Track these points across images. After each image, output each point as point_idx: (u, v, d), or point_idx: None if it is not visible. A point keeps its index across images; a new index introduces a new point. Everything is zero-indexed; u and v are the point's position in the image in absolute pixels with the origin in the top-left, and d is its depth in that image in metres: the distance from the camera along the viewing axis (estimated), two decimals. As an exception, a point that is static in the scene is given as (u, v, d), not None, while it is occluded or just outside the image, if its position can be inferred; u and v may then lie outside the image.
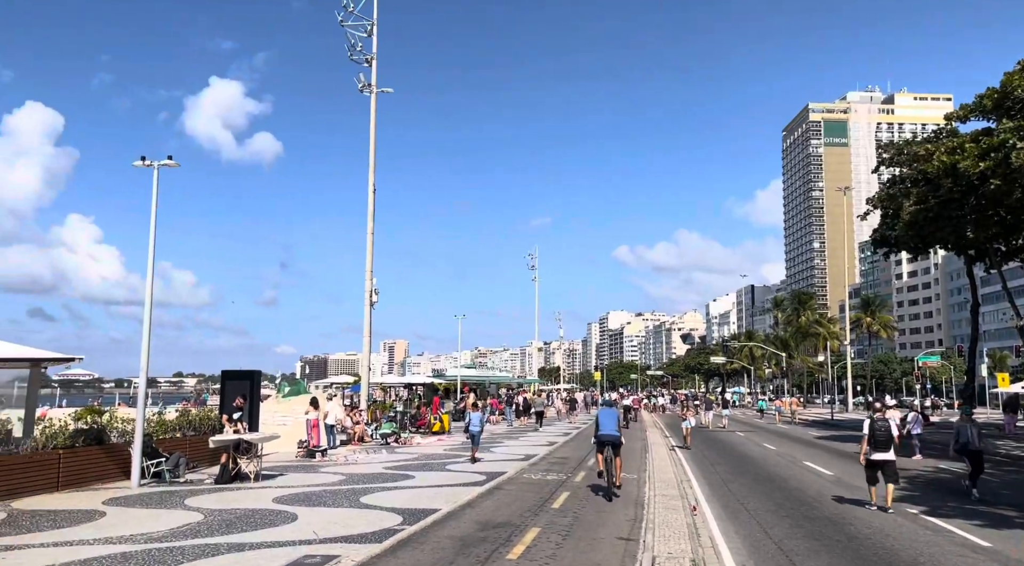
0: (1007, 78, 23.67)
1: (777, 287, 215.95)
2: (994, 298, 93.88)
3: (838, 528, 11.46)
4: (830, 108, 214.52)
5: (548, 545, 9.50)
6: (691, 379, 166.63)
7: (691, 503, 13.22)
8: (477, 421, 20.61)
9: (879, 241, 35.75)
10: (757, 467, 20.59)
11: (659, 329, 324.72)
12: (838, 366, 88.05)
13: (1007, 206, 23.39)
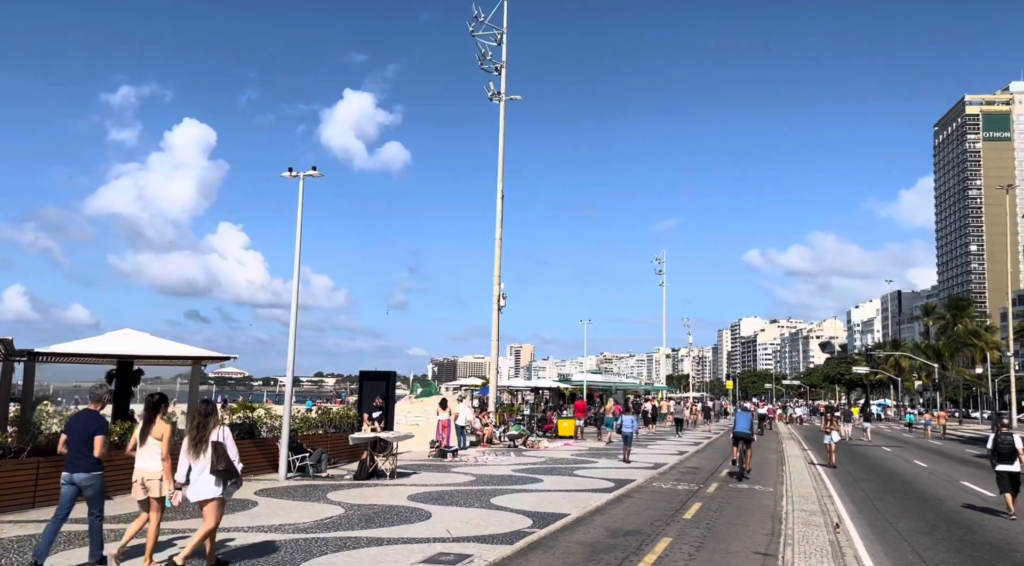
0: None
1: (927, 293, 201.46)
2: None
3: (1003, 555, 10.51)
4: (990, 100, 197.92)
5: (680, 556, 9.29)
6: (831, 390, 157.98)
7: (834, 520, 12.54)
8: (629, 423, 22.48)
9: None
10: (907, 485, 19.24)
11: (795, 337, 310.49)
12: (1000, 379, 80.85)
13: None
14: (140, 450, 7.75)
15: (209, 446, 7.56)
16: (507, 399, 47.85)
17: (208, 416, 7.80)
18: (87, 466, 7.66)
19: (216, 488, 7.53)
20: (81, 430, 7.72)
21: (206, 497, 7.52)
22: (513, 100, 31.06)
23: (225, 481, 7.59)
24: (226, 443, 7.66)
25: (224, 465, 7.52)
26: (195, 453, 7.60)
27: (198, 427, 7.70)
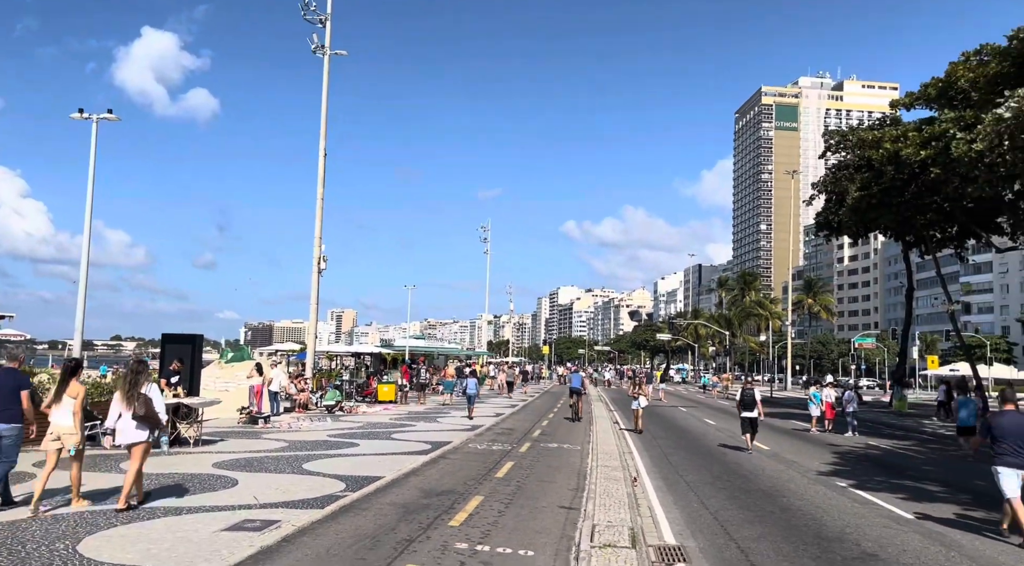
0: (952, 68, 24.33)
1: (723, 267, 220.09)
2: (928, 283, 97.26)
3: (772, 500, 11.82)
4: (782, 92, 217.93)
5: (490, 513, 9.58)
6: (637, 355, 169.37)
7: (632, 474, 13.46)
8: (473, 385, 25.47)
9: (822, 225, 36.62)
10: (697, 441, 21.08)
11: (608, 305, 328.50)
12: (779, 346, 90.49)
13: (944, 194, 24.15)
14: (55, 407, 8.72)
15: (138, 397, 8.86)
16: (326, 365, 46.80)
17: (139, 373, 9.13)
18: (10, 417, 8.46)
19: (143, 433, 8.94)
20: (11, 385, 8.55)
21: (134, 441, 8.89)
22: (338, 55, 29.88)
23: (151, 428, 9.06)
24: (152, 397, 9.02)
25: (145, 412, 8.84)
26: (127, 403, 8.88)
27: (131, 382, 9.01)
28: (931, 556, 8.45)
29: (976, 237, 31.54)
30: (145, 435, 8.94)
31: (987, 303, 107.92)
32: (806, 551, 8.52)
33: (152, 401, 8.94)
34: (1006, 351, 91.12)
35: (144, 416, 8.83)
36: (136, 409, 8.79)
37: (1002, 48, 22.17)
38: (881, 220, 28.89)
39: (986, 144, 18.91)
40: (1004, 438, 9.55)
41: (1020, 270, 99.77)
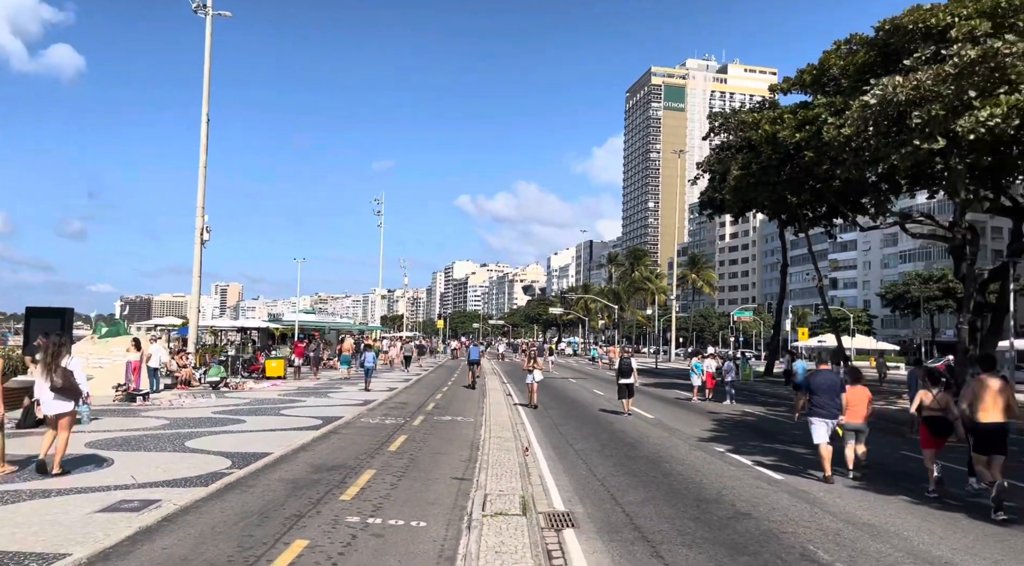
0: (825, 56, 25.74)
1: (614, 243, 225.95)
2: (801, 260, 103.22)
3: (655, 466, 12.36)
4: (671, 73, 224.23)
5: (383, 486, 9.55)
6: (530, 329, 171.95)
7: (524, 445, 13.73)
8: (371, 359, 26.36)
9: (706, 203, 38.18)
10: (587, 411, 21.71)
11: (502, 280, 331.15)
12: (664, 319, 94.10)
13: (816, 176, 25.59)
14: None
15: (56, 369, 9.29)
16: (210, 340, 44.98)
17: (61, 346, 9.58)
18: None
19: (68, 404, 9.46)
20: None
21: (61, 411, 9.40)
22: (221, 16, 28.36)
23: (74, 399, 9.57)
24: (74, 369, 9.48)
25: (63, 383, 9.30)
26: (48, 375, 9.31)
27: (52, 355, 9.40)
28: (797, 512, 9.08)
29: (843, 216, 33.69)
30: (70, 406, 9.48)
31: (852, 279, 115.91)
32: (686, 512, 8.98)
33: (71, 373, 9.41)
34: (867, 323, 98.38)
35: (62, 388, 9.31)
36: (55, 381, 9.26)
37: (869, 38, 23.64)
38: (759, 199, 30.35)
39: (853, 129, 20.18)
40: (817, 393, 11.10)
41: (881, 248, 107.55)
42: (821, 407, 11.10)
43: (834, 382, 11.39)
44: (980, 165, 22.45)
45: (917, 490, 10.67)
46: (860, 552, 7.40)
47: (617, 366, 21.09)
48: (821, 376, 11.41)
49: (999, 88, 17.94)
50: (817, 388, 11.18)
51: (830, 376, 11.47)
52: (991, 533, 8.30)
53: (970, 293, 25.07)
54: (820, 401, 11.12)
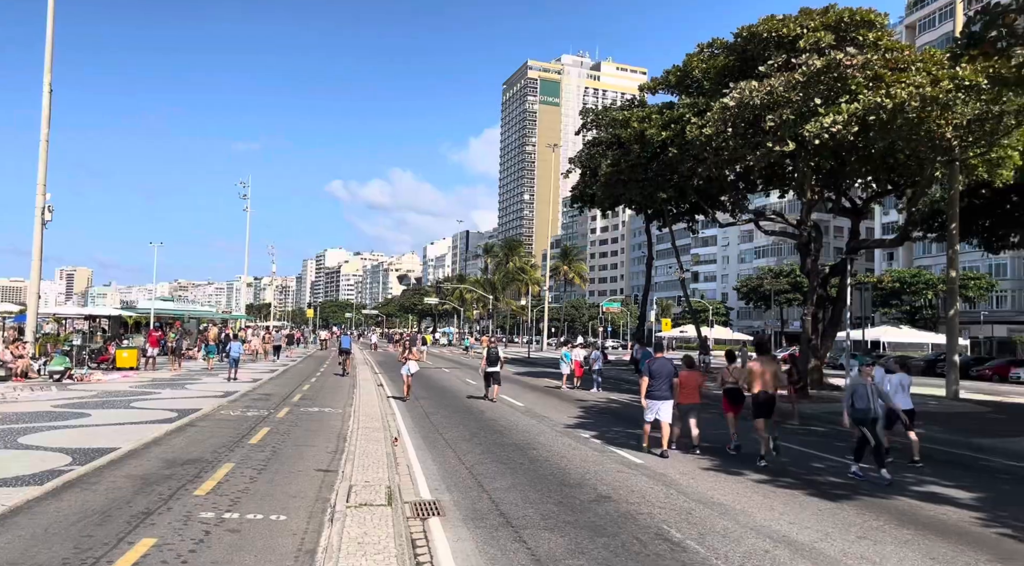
0: (688, 59, 26.93)
1: (490, 234, 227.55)
2: (666, 254, 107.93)
3: (523, 452, 12.56)
4: (547, 67, 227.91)
5: (241, 480, 9.17)
6: (405, 319, 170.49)
7: (393, 435, 13.58)
8: (237, 348, 26.24)
9: (577, 197, 39.03)
10: (458, 400, 21.76)
11: (376, 269, 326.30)
12: (537, 309, 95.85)
13: (680, 173, 26.75)
14: None
15: None
16: (53, 328, 41.61)
17: None
18: None
19: None
20: None
21: None
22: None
23: None
24: None
25: None
26: None
27: None
28: (654, 494, 9.49)
29: (704, 213, 35.44)
30: None
31: (712, 273, 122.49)
32: (550, 497, 9.18)
33: None
34: (724, 315, 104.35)
35: None
36: None
37: (729, 44, 24.94)
38: (628, 195, 31.36)
39: (714, 129, 21.25)
40: (655, 378, 12.66)
41: (738, 244, 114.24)
42: (656, 390, 12.61)
43: (668, 369, 12.78)
44: (824, 168, 24.22)
45: (763, 470, 11.43)
46: (709, 529, 7.83)
47: (484, 354, 21.64)
48: (657, 363, 12.85)
49: (841, 97, 19.41)
50: (654, 373, 12.70)
51: (665, 363, 12.86)
52: (824, 508, 9.00)
53: (813, 287, 27.04)
54: (656, 385, 12.64)
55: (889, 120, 18.78)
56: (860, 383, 11.00)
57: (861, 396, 10.83)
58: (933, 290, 64.77)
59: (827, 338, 27.36)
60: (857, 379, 11.17)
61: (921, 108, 18.40)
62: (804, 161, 22.43)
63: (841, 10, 21.90)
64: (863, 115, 18.95)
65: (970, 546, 7.45)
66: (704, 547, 7.17)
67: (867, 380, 11.01)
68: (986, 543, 7.61)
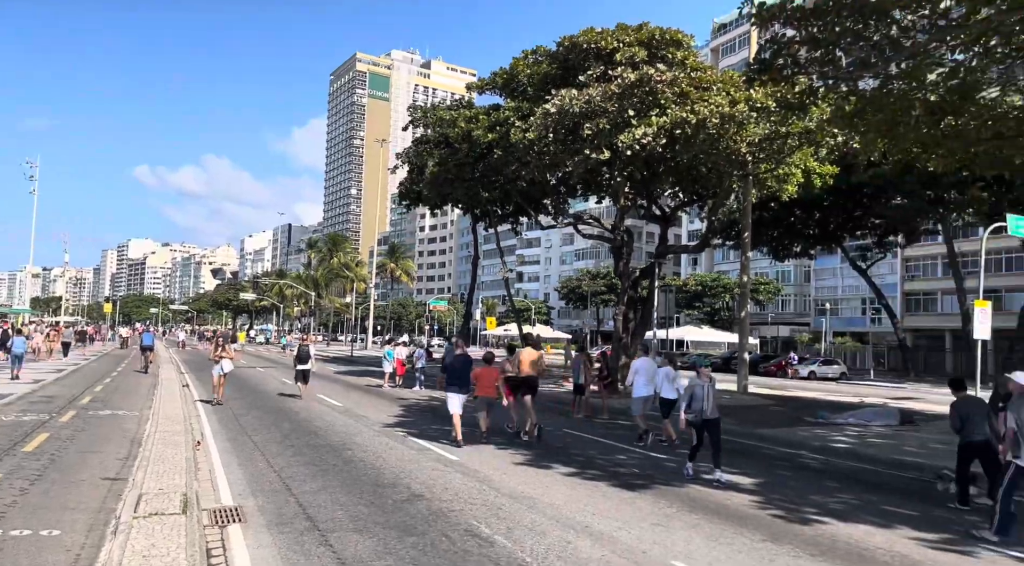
0: (515, 63, 27.56)
1: (314, 228, 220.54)
2: (492, 254, 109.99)
3: (337, 453, 12.22)
4: (376, 62, 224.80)
5: (9, 492, 8.19)
6: (219, 315, 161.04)
7: (196, 438, 12.73)
8: (20, 344, 24.44)
9: (404, 194, 38.77)
10: (271, 401, 20.82)
11: (188, 262, 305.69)
12: (363, 307, 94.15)
13: (505, 175, 27.32)
14: None
15: None
16: None
17: None
18: None
19: None
20: None
21: None
22: None
23: None
24: None
25: None
26: None
27: None
28: (467, 491, 9.57)
29: (528, 215, 36.46)
30: None
31: (535, 273, 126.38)
32: (362, 498, 8.99)
33: None
34: (546, 314, 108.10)
35: None
36: None
37: (552, 51, 25.83)
38: (454, 194, 31.56)
39: (536, 134, 21.89)
40: (452, 373, 13.85)
41: (560, 246, 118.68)
42: (454, 384, 13.76)
43: (465, 364, 13.97)
44: (636, 177, 25.69)
45: (572, 463, 11.90)
46: (517, 523, 8.01)
47: (296, 352, 21.57)
48: (456, 360, 14.07)
49: (652, 110, 20.67)
50: (451, 370, 13.93)
51: (463, 359, 14.05)
52: (625, 498, 9.51)
53: (625, 288, 28.63)
54: (452, 380, 13.81)
55: (693, 134, 20.26)
56: (698, 384, 10.88)
57: (698, 397, 10.76)
58: (730, 293, 70.89)
59: (637, 337, 29.04)
60: (695, 380, 11.02)
61: (720, 125, 20.02)
62: (618, 169, 23.67)
63: (653, 28, 23.35)
64: (671, 129, 20.31)
65: (748, 527, 8.18)
66: (511, 541, 7.32)
67: (705, 381, 10.90)
68: (762, 524, 8.38)
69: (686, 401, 10.96)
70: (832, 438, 15.51)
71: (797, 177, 24.46)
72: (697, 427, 10.86)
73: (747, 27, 72.61)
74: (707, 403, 10.68)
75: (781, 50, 13.96)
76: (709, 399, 10.70)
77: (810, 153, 24.13)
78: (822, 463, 13.17)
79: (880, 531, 8.22)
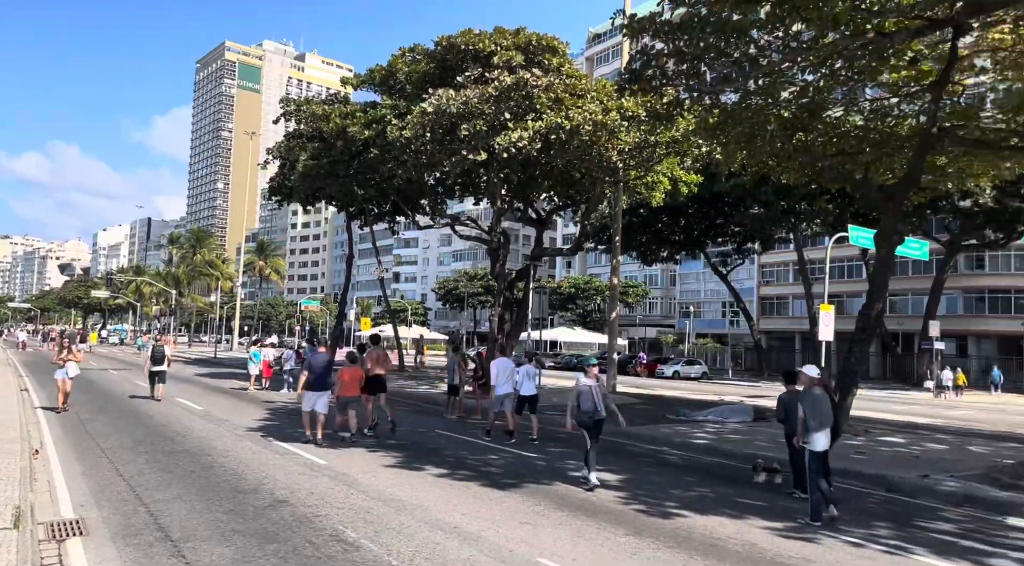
0: (393, 60, 27.24)
1: (176, 223, 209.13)
2: (368, 253, 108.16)
3: (195, 459, 11.58)
4: (247, 51, 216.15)
5: None
6: (66, 314, 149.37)
7: (34, 447, 11.70)
8: None
9: (275, 189, 37.45)
10: (124, 405, 19.48)
11: (32, 256, 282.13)
12: (229, 306, 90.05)
13: (381, 174, 26.92)
14: None
15: None
16: None
17: None
18: None
19: None
20: None
21: None
22: None
23: None
24: None
25: None
26: None
27: None
28: (334, 495, 9.31)
29: (405, 215, 36.10)
30: None
31: (413, 274, 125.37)
32: (220, 506, 8.55)
33: None
34: (423, 315, 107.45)
35: None
36: None
37: (429, 51, 25.70)
38: (328, 190, 30.75)
39: (413, 133, 21.70)
40: (312, 372, 13.70)
41: (438, 247, 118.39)
42: (313, 383, 13.68)
43: (325, 364, 13.91)
44: (513, 179, 26.03)
45: (443, 464, 11.84)
46: (385, 526, 7.87)
47: (150, 353, 20.80)
48: (316, 359, 13.89)
49: (528, 114, 20.99)
50: (311, 368, 13.79)
51: (323, 358, 13.97)
52: (494, 498, 9.56)
53: (501, 290, 28.90)
54: (313, 379, 13.71)
55: (567, 140, 20.73)
56: (586, 384, 10.49)
57: (587, 397, 10.39)
58: (601, 295, 73.14)
59: (512, 338, 29.36)
60: (584, 380, 10.59)
61: (593, 132, 20.60)
62: (495, 171, 23.89)
63: (530, 34, 23.71)
64: (546, 133, 20.68)
65: (612, 523, 8.41)
66: (378, 545, 7.17)
67: (593, 381, 10.56)
68: (625, 519, 8.65)
69: (573, 402, 10.54)
70: (693, 435, 16.27)
71: (665, 184, 25.53)
72: (588, 428, 10.46)
73: (620, 38, 75.43)
74: (597, 403, 10.40)
75: (651, 62, 14.52)
76: (598, 399, 10.43)
77: (677, 162, 25.27)
78: (683, 459, 13.78)
79: (732, 522, 8.68)
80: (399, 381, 31.50)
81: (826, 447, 9.07)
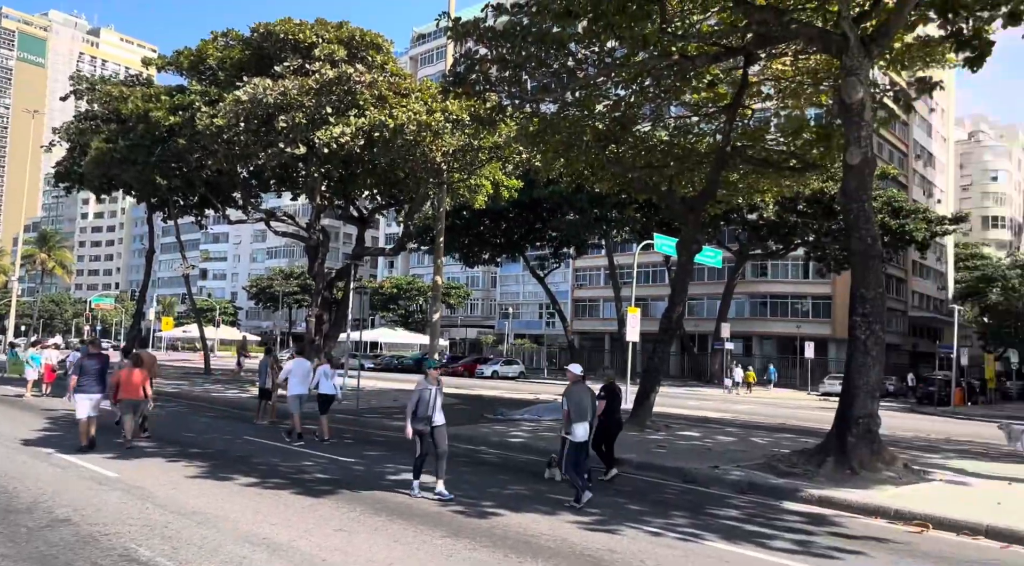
0: (203, 45, 25.50)
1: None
2: (172, 248, 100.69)
3: (-45, 478, 10.15)
4: (28, 20, 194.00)
5: None
6: None
7: None
8: None
9: (62, 175, 33.94)
10: None
11: None
12: (3, 303, 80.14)
13: (189, 163, 25.16)
14: None
15: None
16: None
17: None
18: None
19: None
20: None
21: None
22: None
23: None
24: None
25: None
26: None
27: None
28: (127, 511, 8.51)
29: (214, 208, 33.96)
30: None
31: (222, 271, 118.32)
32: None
33: None
34: (233, 314, 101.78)
35: None
36: None
37: (245, 37, 24.35)
38: (124, 177, 28.26)
39: (226, 122, 20.44)
40: (84, 376, 12.97)
41: (251, 243, 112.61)
42: (83, 386, 12.92)
43: (102, 365, 13.21)
44: (334, 176, 25.31)
45: (253, 472, 11.23)
46: (185, 542, 7.31)
47: None
48: (88, 362, 13.16)
49: (351, 110, 20.50)
50: (83, 372, 13.03)
51: (99, 360, 13.28)
52: (307, 505, 9.19)
53: (319, 289, 27.98)
54: (84, 382, 12.95)
55: (391, 139, 20.47)
56: (425, 387, 9.85)
57: (425, 401, 9.72)
58: (424, 296, 73.10)
59: (330, 339, 28.52)
60: (423, 383, 9.96)
61: (417, 132, 20.50)
62: (315, 166, 23.08)
63: (353, 28, 23.18)
64: (369, 131, 20.31)
65: (429, 526, 8.37)
66: (176, 563, 6.65)
67: (433, 384, 9.92)
68: (443, 521, 8.64)
69: (412, 407, 9.80)
70: (509, 433, 16.64)
71: (487, 188, 25.96)
72: (423, 436, 9.81)
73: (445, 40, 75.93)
74: (435, 408, 9.77)
75: (474, 66, 14.69)
76: (436, 404, 9.80)
77: (499, 167, 25.78)
78: (500, 457, 14.04)
79: (546, 518, 8.94)
80: (205, 385, 29.58)
81: (585, 438, 9.94)
